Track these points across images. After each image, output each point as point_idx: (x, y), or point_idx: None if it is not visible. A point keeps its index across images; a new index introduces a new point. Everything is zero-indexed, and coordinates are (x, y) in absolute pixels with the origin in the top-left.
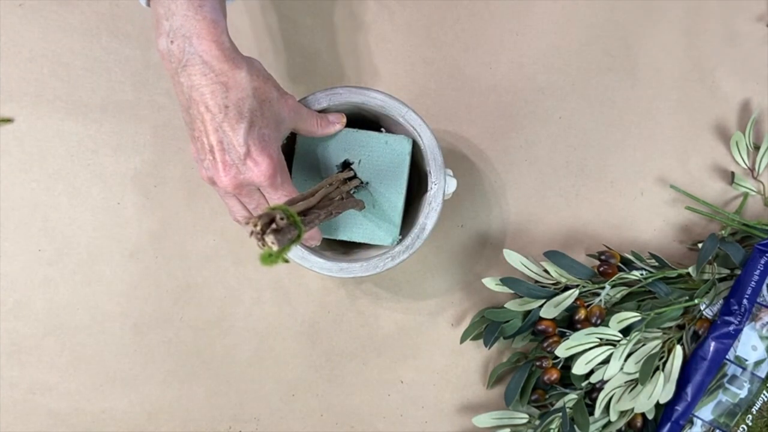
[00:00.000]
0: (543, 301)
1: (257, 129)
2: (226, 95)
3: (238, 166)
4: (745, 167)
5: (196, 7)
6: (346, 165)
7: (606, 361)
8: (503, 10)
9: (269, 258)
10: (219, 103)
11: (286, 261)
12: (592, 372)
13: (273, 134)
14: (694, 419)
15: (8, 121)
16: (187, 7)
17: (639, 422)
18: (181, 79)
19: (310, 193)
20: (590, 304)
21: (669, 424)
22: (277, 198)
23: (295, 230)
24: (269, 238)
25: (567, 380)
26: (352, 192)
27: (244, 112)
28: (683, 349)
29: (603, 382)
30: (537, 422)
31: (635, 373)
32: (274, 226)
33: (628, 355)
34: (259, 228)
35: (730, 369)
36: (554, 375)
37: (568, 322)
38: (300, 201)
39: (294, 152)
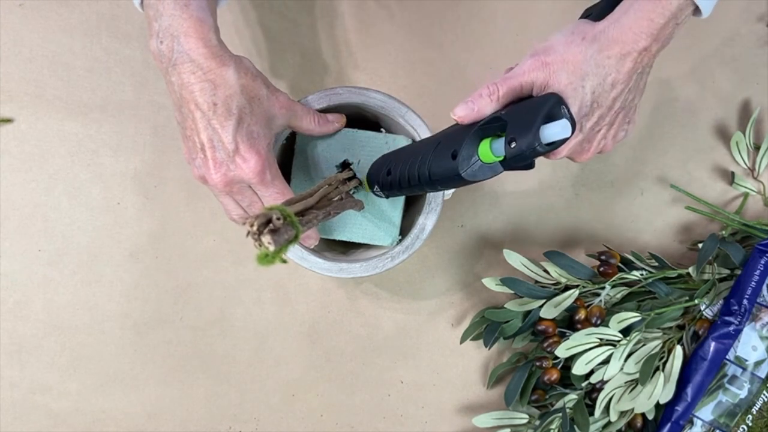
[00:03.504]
0: (543, 301)
1: (246, 126)
2: (214, 93)
3: (228, 163)
4: (745, 167)
5: (182, 6)
6: (345, 165)
7: (606, 362)
8: (503, 10)
9: (266, 258)
10: (208, 100)
11: (284, 261)
12: (592, 372)
13: (263, 131)
14: (694, 419)
15: (8, 121)
16: (173, 6)
17: (639, 422)
18: (172, 78)
19: (309, 194)
20: (590, 305)
21: (669, 425)
22: (269, 195)
23: (292, 231)
24: (266, 239)
25: (567, 380)
26: (351, 192)
27: (233, 110)
28: (683, 349)
29: (603, 383)
30: (537, 422)
31: (635, 373)
32: (271, 226)
33: (628, 356)
34: (255, 228)
35: (730, 369)
36: (554, 375)
37: (568, 323)
38: (298, 201)
39: (294, 152)
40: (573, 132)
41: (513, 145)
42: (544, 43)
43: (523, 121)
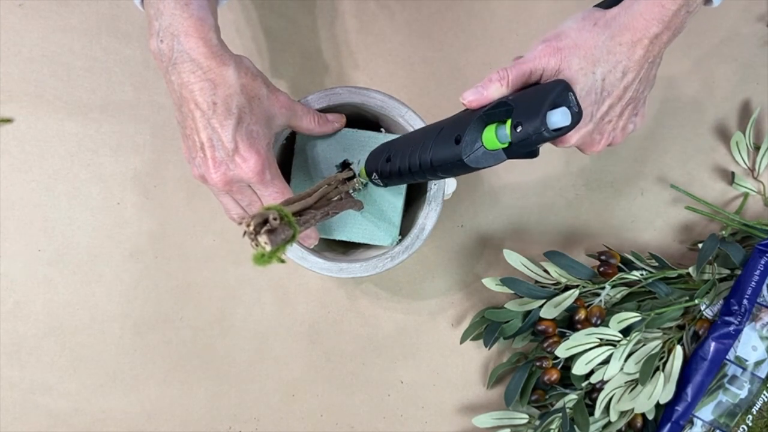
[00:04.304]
0: (543, 301)
1: (245, 125)
2: (214, 92)
3: (227, 162)
4: (745, 167)
5: (182, 5)
6: (345, 165)
7: (606, 362)
8: (503, 10)
9: (262, 258)
10: (207, 100)
11: (282, 261)
12: (592, 372)
13: (262, 131)
14: (695, 419)
15: (8, 121)
16: (174, 6)
17: (639, 422)
18: (172, 78)
19: (308, 193)
20: (590, 305)
21: (669, 425)
22: (268, 194)
23: (289, 230)
24: (262, 238)
25: (567, 380)
26: (351, 192)
27: (232, 109)
28: (683, 349)
29: (603, 383)
30: (537, 422)
31: (635, 373)
32: (267, 226)
33: (628, 356)
34: (252, 228)
35: (731, 369)
36: (554, 375)
37: (568, 323)
38: (297, 201)
39: (294, 152)
40: (574, 120)
41: (519, 129)
42: (555, 30)
43: (530, 106)
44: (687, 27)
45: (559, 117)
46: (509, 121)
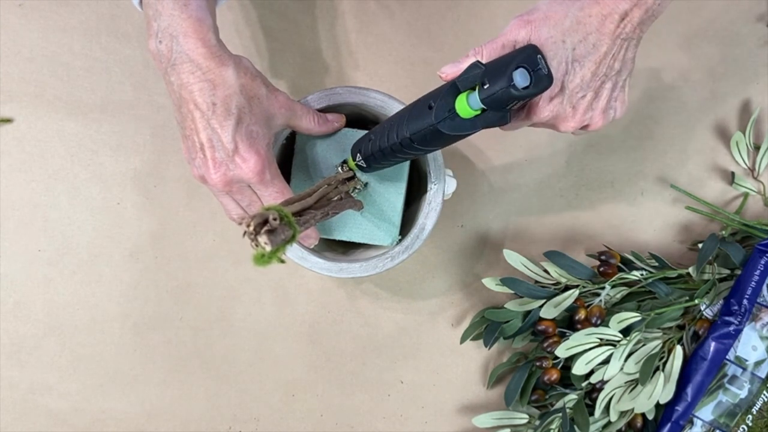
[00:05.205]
0: (543, 301)
1: (245, 126)
2: (213, 92)
3: (227, 163)
4: (745, 167)
5: (181, 6)
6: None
7: (606, 362)
8: (503, 10)
9: (262, 259)
10: (207, 100)
11: (282, 261)
12: (592, 372)
13: (262, 131)
14: (695, 419)
15: (8, 121)
16: (172, 6)
17: (639, 422)
18: (171, 78)
19: (307, 193)
20: (590, 305)
21: (669, 425)
22: (268, 194)
23: (289, 231)
24: (262, 239)
25: (567, 380)
26: (351, 192)
27: (232, 109)
28: (683, 349)
29: (603, 383)
30: (537, 422)
31: (635, 373)
32: (267, 226)
33: (628, 356)
34: (252, 228)
35: (731, 369)
36: (554, 375)
37: (568, 323)
38: (297, 201)
39: (293, 152)
40: (543, 82)
41: (486, 86)
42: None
43: (498, 66)
44: (678, 31)
45: (522, 77)
46: (479, 84)
